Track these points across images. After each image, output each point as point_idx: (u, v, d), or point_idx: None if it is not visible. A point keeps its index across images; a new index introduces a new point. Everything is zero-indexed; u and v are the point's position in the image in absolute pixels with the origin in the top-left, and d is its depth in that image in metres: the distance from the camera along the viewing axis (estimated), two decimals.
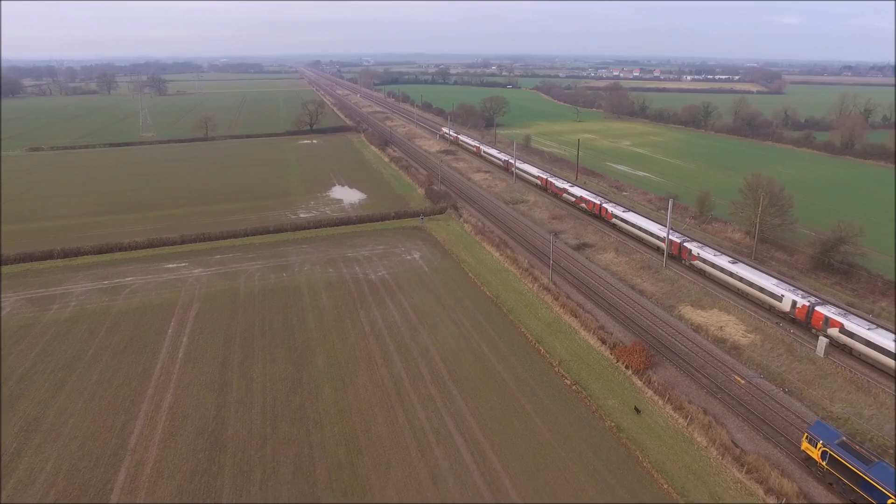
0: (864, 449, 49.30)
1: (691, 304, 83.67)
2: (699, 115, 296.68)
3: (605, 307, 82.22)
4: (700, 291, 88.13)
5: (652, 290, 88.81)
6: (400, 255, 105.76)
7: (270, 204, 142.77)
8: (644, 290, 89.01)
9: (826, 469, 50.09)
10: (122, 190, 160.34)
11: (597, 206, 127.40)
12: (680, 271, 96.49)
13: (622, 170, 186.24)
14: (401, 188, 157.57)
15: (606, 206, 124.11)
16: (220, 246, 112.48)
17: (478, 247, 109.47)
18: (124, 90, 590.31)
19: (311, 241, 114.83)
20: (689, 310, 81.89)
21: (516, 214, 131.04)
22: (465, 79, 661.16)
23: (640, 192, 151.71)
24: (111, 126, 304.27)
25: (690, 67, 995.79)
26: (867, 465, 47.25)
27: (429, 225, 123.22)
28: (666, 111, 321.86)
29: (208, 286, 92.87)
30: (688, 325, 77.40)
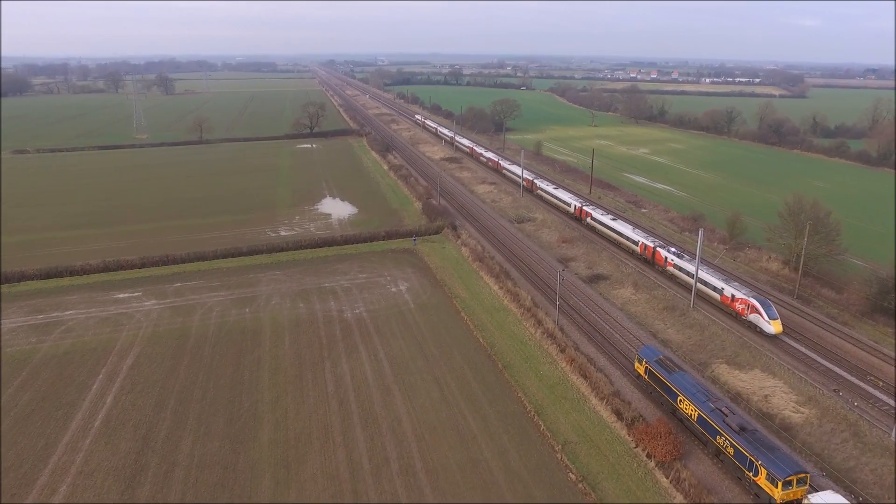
0: (672, 363, 60.88)
1: (727, 362, 68.91)
2: (722, 120, 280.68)
3: (622, 363, 67.72)
4: (736, 343, 73.29)
5: (678, 340, 74.15)
6: (384, 286, 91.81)
7: (251, 218, 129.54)
8: (669, 340, 74.35)
9: (647, 381, 61.83)
10: (95, 199, 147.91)
11: (650, 249, 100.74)
12: (710, 313, 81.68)
13: (640, 182, 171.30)
14: (397, 201, 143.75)
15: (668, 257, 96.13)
16: (184, 271, 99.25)
17: (475, 277, 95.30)
18: (131, 89, 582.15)
19: (287, 265, 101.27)
20: (725, 369, 67.18)
21: (521, 236, 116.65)
22: (478, 80, 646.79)
23: (660, 209, 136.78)
24: (108, 127, 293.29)
25: (709, 69, 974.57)
26: (670, 374, 58.60)
27: (422, 247, 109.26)
28: (686, 116, 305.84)
29: (156, 325, 79.46)
30: (724, 392, 62.67)
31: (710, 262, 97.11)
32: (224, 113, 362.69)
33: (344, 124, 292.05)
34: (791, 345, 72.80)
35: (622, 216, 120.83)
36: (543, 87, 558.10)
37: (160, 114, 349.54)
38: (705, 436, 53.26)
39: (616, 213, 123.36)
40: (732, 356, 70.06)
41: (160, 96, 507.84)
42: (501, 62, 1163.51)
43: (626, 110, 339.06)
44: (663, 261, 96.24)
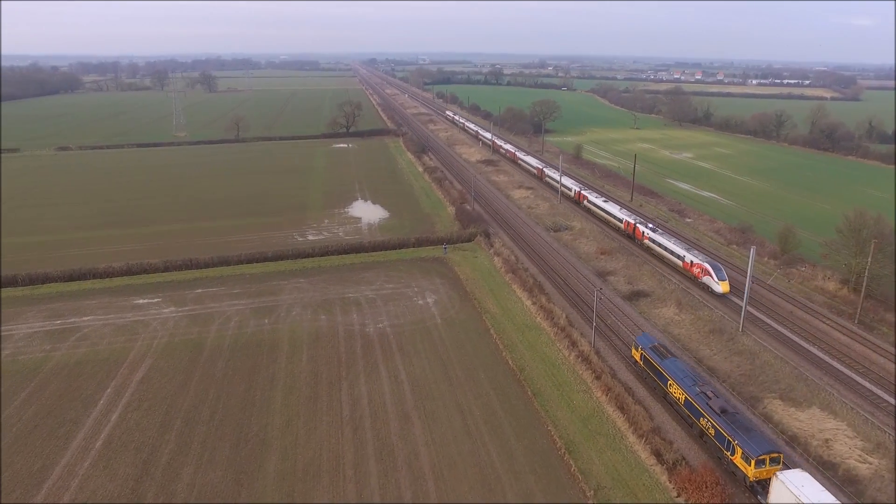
0: (665, 350, 63.51)
1: (781, 397, 62.42)
2: (770, 124, 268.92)
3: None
4: (791, 375, 66.64)
5: (725, 369, 67.83)
6: (411, 297, 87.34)
7: (281, 221, 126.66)
8: (715, 368, 68.08)
9: (642, 367, 64.76)
10: (128, 198, 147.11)
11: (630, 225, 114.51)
12: (760, 339, 75.03)
13: (684, 189, 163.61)
14: (429, 205, 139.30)
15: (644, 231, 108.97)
16: (207, 276, 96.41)
17: (506, 290, 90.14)
18: (177, 87, 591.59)
19: (312, 273, 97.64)
20: (779, 406, 60.74)
21: (558, 246, 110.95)
22: (518, 80, 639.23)
23: (706, 218, 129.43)
24: (149, 124, 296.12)
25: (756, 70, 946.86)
26: (662, 360, 61.14)
27: (453, 256, 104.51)
28: (732, 119, 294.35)
29: (172, 334, 76.43)
30: (778, 434, 56.38)
31: (675, 231, 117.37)
32: (263, 111, 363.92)
33: (381, 124, 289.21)
34: (853, 378, 65.91)
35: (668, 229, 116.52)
36: (585, 88, 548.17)
37: (201, 111, 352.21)
38: (691, 418, 56.07)
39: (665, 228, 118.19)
40: (787, 390, 63.50)
41: (203, 94, 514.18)
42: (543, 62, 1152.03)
43: (669, 112, 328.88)
44: (641, 235, 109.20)
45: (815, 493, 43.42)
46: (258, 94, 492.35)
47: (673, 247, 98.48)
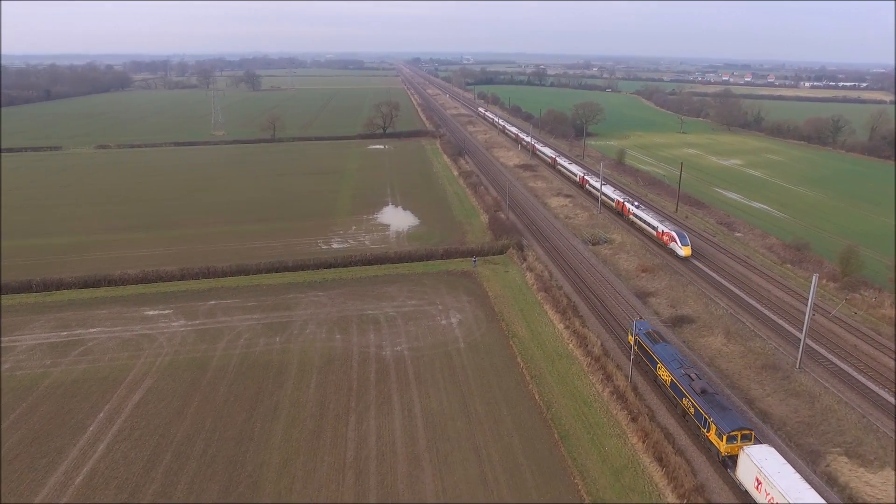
0: (658, 335, 66.73)
1: (847, 453, 54.31)
2: (826, 129, 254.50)
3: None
4: (859, 425, 58.32)
5: (781, 414, 59.89)
6: (434, 317, 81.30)
7: (306, 227, 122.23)
8: (769, 413, 60.20)
9: (636, 352, 66.98)
10: (156, 199, 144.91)
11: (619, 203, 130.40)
12: (821, 378, 66.70)
13: (733, 199, 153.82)
14: (462, 213, 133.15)
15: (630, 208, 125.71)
16: (223, 286, 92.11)
17: (538, 310, 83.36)
18: (221, 85, 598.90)
19: (332, 285, 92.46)
20: (845, 464, 52.72)
21: (595, 261, 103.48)
22: (562, 80, 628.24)
23: (757, 233, 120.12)
24: (190, 122, 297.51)
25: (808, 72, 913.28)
26: (654, 344, 64.68)
27: (482, 270, 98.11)
28: (785, 124, 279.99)
29: (177, 351, 71.99)
30: (846, 499, 48.50)
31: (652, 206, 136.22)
32: (303, 109, 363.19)
33: (420, 124, 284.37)
34: None
35: None
36: (630, 90, 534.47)
37: (242, 110, 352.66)
38: (675, 399, 59.29)
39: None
40: (854, 444, 55.32)
41: (246, 92, 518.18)
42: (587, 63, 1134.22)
43: (717, 116, 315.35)
44: (627, 211, 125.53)
45: (777, 466, 45.86)
46: (300, 93, 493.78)
47: (650, 220, 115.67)
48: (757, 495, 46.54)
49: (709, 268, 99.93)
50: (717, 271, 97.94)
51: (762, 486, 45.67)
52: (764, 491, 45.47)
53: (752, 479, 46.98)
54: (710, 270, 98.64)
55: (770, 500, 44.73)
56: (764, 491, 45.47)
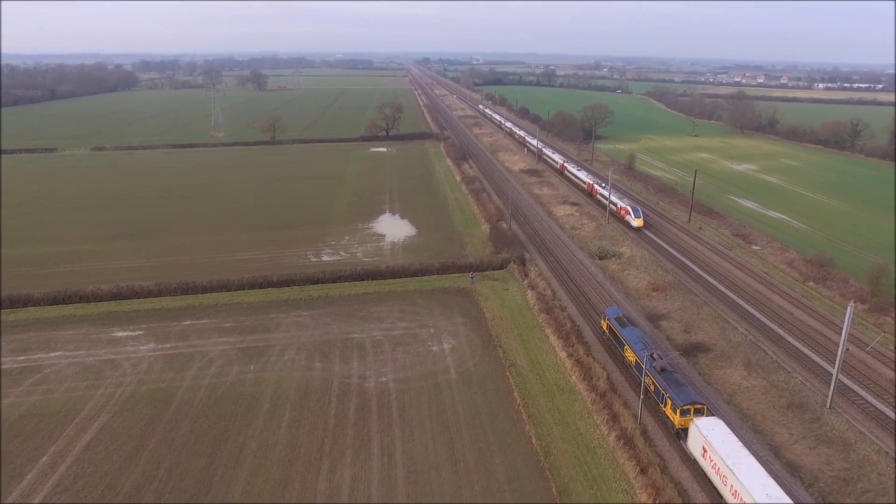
0: (627, 320, 71.99)
1: None
2: (844, 133, 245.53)
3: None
4: None
5: (811, 466, 52.72)
6: (424, 342, 74.54)
7: (297, 237, 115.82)
8: (797, 464, 53.03)
9: (607, 335, 73.90)
10: (143, 205, 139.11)
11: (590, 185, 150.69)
12: (855, 419, 59.37)
13: (749, 207, 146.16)
14: (462, 222, 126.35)
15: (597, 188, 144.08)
16: (201, 303, 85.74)
17: (538, 334, 76.46)
18: (228, 85, 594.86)
19: (318, 303, 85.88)
20: None
21: (602, 278, 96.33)
22: (571, 81, 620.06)
23: (776, 246, 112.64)
24: (191, 123, 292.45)
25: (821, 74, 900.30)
26: (622, 328, 69.49)
27: (480, 287, 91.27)
28: (801, 127, 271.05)
29: (141, 380, 65.61)
30: None
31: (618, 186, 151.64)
32: (308, 110, 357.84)
33: (424, 126, 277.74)
34: None
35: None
36: (640, 91, 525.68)
37: (246, 110, 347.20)
38: (639, 377, 61.98)
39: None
40: None
41: (253, 92, 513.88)
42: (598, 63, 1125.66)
43: (731, 119, 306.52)
44: (595, 192, 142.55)
45: (722, 436, 48.98)
46: (306, 93, 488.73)
47: (614, 199, 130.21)
48: (703, 462, 50.21)
49: (725, 286, 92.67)
50: (735, 290, 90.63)
51: (707, 453, 49.33)
52: (709, 458, 49.10)
53: (700, 447, 50.54)
54: (726, 290, 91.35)
55: (713, 466, 48.38)
56: (709, 458, 49.10)
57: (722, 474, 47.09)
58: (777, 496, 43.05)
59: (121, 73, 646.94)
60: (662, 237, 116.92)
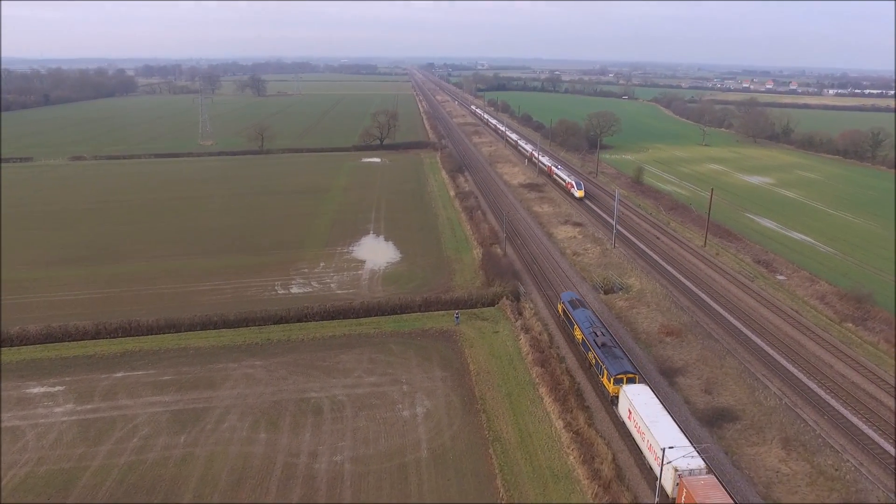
0: (579, 303, 76.75)
1: None
2: (865, 143, 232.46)
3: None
4: None
5: None
6: (394, 403, 62.35)
7: (268, 263, 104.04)
8: None
9: (562, 317, 78.63)
10: (108, 223, 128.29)
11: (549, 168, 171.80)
12: None
13: (769, 227, 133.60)
14: (453, 245, 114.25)
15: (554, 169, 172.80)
16: (142, 348, 73.93)
17: (531, 394, 64.18)
18: (227, 90, 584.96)
19: (277, 350, 73.87)
20: None
21: (608, 317, 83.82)
22: (577, 87, 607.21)
23: (803, 275, 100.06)
24: (181, 131, 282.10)
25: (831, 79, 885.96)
26: (574, 310, 74.15)
27: (466, 330, 79.07)
28: (817, 136, 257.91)
29: (42, 458, 53.70)
30: None
31: (566, 163, 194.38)
32: (303, 117, 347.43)
33: (422, 134, 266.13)
34: None
35: None
36: (647, 97, 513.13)
37: (241, 116, 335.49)
38: (585, 353, 69.02)
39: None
40: None
41: (251, 98, 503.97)
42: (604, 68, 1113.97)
43: (742, 127, 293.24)
44: (553, 172, 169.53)
45: (645, 399, 53.66)
46: (305, 99, 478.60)
47: (563, 175, 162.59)
48: (628, 423, 54.48)
49: (751, 329, 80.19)
50: (762, 335, 78.13)
51: (631, 415, 53.34)
52: (633, 420, 53.04)
53: (626, 410, 54.77)
54: (752, 333, 78.85)
55: (636, 426, 52.28)
56: (633, 420, 53.04)
57: (641, 432, 51.54)
58: (684, 445, 47.47)
59: (119, 78, 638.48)
60: (676, 265, 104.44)
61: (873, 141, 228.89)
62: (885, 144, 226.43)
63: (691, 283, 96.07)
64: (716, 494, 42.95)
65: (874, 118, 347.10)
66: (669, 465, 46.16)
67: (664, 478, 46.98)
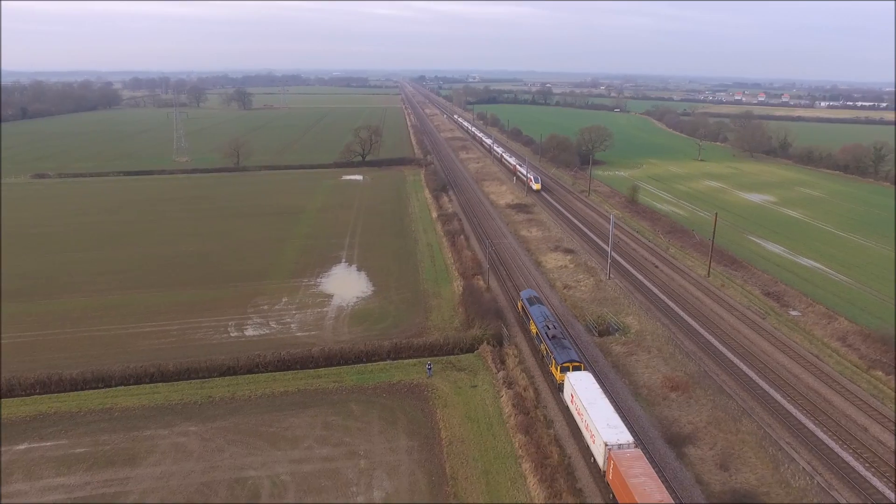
0: (536, 299, 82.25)
1: None
2: (867, 158, 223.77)
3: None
4: None
5: None
6: (348, 486, 51.53)
7: (225, 297, 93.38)
8: None
9: (521, 313, 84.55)
10: (54, 250, 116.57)
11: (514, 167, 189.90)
12: None
13: (775, 252, 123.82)
14: (431, 276, 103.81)
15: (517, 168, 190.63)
16: (56, 411, 62.92)
17: (512, 471, 53.47)
18: (213, 103, 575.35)
19: (216, 411, 63.03)
20: None
21: (603, 364, 73.21)
22: (568, 100, 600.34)
23: (819, 311, 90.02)
24: (157, 146, 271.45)
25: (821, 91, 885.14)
26: (531, 306, 79.47)
27: (439, 383, 68.42)
28: (816, 150, 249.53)
29: None
30: None
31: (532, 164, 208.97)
32: (287, 131, 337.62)
33: (407, 150, 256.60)
34: None
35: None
36: (639, 110, 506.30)
37: (223, 131, 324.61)
38: (538, 345, 73.09)
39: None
40: None
41: (236, 111, 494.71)
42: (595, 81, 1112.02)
43: (738, 141, 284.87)
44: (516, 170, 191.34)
45: (586, 384, 57.78)
46: (291, 112, 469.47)
47: (523, 172, 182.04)
48: (571, 407, 59.06)
49: (767, 381, 69.85)
50: (781, 388, 67.82)
51: (574, 398, 57.57)
52: (574, 403, 57.36)
53: (569, 395, 59.24)
54: (769, 386, 68.51)
55: (576, 409, 56.78)
56: (574, 403, 57.36)
57: (580, 413, 54.77)
58: (616, 425, 50.66)
59: (103, 91, 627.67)
60: (677, 300, 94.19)
61: (875, 156, 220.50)
62: (887, 160, 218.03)
63: (696, 321, 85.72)
64: (639, 465, 46.33)
65: (871, 131, 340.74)
66: (600, 441, 49.73)
67: (596, 453, 51.44)
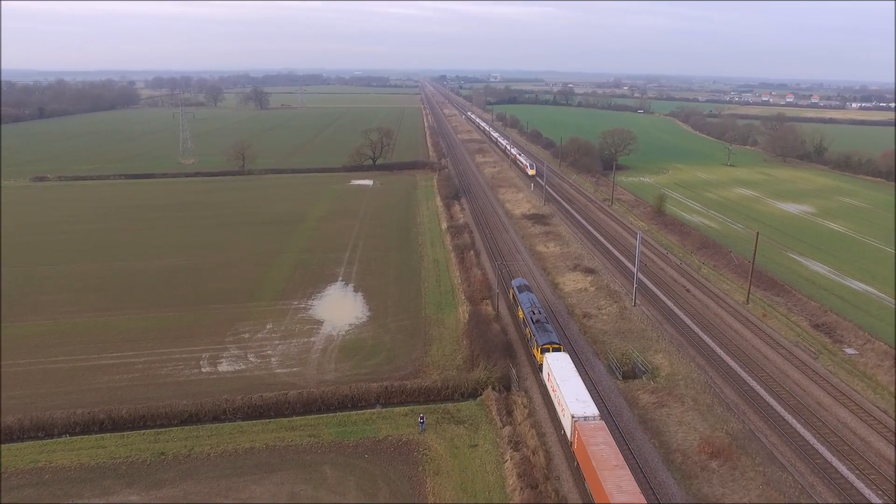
0: (525, 287, 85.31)
1: None
2: None
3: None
4: None
5: None
6: None
7: (201, 322, 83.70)
8: None
9: (512, 301, 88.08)
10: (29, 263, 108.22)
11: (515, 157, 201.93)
12: None
13: (820, 272, 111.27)
14: (435, 300, 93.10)
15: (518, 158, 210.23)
16: None
17: None
18: (231, 102, 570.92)
19: (167, 473, 53.00)
20: None
21: (628, 418, 61.79)
22: (590, 100, 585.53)
23: (879, 348, 77.84)
24: (163, 148, 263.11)
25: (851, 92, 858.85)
26: (520, 293, 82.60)
27: (433, 440, 57.68)
28: (854, 155, 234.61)
29: None
30: None
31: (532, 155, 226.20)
32: (300, 132, 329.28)
33: (422, 152, 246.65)
34: None
35: None
36: (663, 111, 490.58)
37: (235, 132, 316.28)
38: (524, 330, 76.87)
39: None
40: None
41: (253, 111, 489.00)
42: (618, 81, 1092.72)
43: (769, 145, 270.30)
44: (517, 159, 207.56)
45: (562, 363, 60.68)
46: (308, 112, 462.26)
47: (523, 160, 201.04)
48: (548, 385, 62.01)
49: (829, 447, 57.95)
50: (847, 457, 56.00)
51: (550, 377, 60.19)
52: (550, 381, 60.25)
53: (546, 374, 62.30)
54: (832, 455, 56.60)
55: (552, 386, 59.73)
56: (550, 381, 60.25)
57: (554, 390, 58.56)
58: (584, 400, 53.97)
59: (121, 90, 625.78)
60: (714, 334, 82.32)
61: None
62: None
63: (736, 362, 73.95)
64: (601, 435, 48.87)
65: None
66: (568, 413, 52.20)
67: (565, 424, 54.52)
